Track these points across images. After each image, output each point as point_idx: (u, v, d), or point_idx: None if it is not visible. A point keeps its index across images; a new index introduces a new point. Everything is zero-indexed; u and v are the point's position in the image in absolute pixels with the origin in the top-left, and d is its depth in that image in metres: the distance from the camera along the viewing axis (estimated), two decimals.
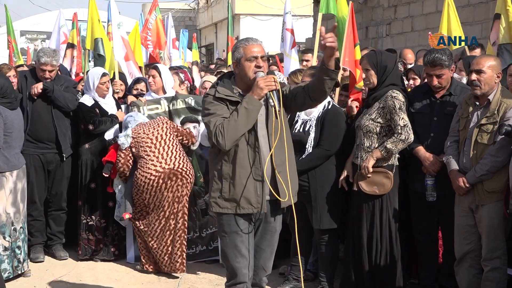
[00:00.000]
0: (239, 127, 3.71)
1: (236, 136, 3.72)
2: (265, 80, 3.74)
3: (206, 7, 29.26)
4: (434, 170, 4.82)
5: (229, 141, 3.71)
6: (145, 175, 5.63)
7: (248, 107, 3.71)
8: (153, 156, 5.69)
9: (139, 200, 5.75)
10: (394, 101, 4.79)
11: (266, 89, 3.73)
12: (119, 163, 5.81)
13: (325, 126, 5.04)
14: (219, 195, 3.85)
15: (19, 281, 5.64)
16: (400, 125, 4.75)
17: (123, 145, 5.79)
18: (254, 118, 3.75)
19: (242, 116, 3.70)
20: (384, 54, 5.12)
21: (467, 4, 10.50)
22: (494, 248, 4.43)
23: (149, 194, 5.68)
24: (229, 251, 3.90)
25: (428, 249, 5.11)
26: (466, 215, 4.57)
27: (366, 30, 13.43)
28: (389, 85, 4.89)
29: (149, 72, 6.52)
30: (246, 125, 3.73)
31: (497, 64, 4.48)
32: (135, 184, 5.71)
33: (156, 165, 5.65)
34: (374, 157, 4.83)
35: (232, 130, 3.70)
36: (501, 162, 4.33)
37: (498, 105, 4.39)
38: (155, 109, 6.27)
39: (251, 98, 3.72)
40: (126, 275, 5.89)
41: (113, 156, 5.88)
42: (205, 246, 6.22)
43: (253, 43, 3.88)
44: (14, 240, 5.48)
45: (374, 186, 4.84)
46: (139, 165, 5.73)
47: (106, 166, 5.93)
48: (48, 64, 6.12)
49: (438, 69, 4.82)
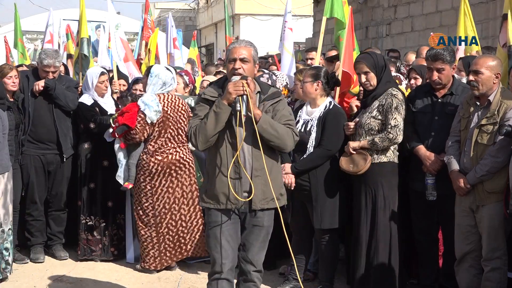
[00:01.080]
0: (208, 130, 3.88)
1: (206, 138, 3.91)
2: (235, 85, 3.85)
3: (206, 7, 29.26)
4: (434, 169, 4.82)
5: (201, 143, 3.93)
6: (156, 162, 5.64)
7: (217, 111, 3.87)
8: (170, 142, 5.70)
9: (147, 188, 5.72)
10: (393, 99, 4.86)
11: (234, 94, 3.84)
12: (137, 131, 5.64)
13: (327, 126, 5.05)
14: (205, 191, 4.10)
15: (19, 281, 5.64)
16: (391, 125, 4.81)
17: (149, 119, 5.63)
18: (222, 121, 3.88)
19: (211, 119, 3.87)
20: (378, 55, 5.21)
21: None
22: (495, 248, 4.43)
23: (159, 182, 5.69)
24: (210, 242, 4.08)
25: (428, 249, 5.11)
26: (466, 215, 4.57)
27: (366, 30, 13.43)
28: (386, 83, 4.96)
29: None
30: (214, 127, 3.88)
31: (496, 64, 4.48)
32: (143, 169, 5.68)
33: (172, 153, 5.69)
34: (361, 144, 4.92)
35: (203, 132, 3.90)
36: (501, 163, 4.33)
37: (498, 105, 4.40)
38: None
39: (220, 102, 3.88)
40: (126, 275, 5.89)
41: (132, 121, 5.65)
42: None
43: (237, 45, 4.00)
44: (2, 241, 5.45)
45: (351, 165, 4.93)
46: (152, 147, 5.68)
47: (121, 127, 5.72)
48: (51, 65, 6.13)
49: (439, 63, 4.84)
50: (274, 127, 3.92)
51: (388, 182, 4.92)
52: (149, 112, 5.62)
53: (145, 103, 5.65)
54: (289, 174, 5.05)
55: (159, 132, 5.70)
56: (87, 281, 5.72)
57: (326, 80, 5.15)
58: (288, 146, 4.04)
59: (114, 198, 6.20)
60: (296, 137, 4.05)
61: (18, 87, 6.06)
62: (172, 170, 5.72)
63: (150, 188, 5.72)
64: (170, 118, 5.71)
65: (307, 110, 5.19)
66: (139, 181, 5.76)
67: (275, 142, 3.96)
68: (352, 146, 4.93)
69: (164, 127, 5.70)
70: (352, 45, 5.97)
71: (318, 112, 5.12)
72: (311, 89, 5.12)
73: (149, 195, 5.74)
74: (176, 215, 5.80)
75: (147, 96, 5.71)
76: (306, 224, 5.20)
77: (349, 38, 5.94)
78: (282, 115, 4.02)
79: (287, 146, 4.05)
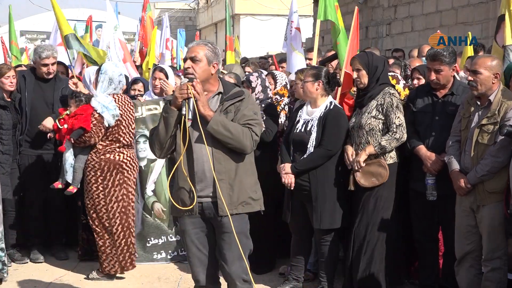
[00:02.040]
0: (160, 134, 3.86)
1: (160, 144, 3.88)
2: (180, 88, 3.80)
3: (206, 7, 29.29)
4: (435, 169, 4.82)
5: (157, 149, 3.92)
6: (107, 161, 5.50)
7: (165, 115, 3.84)
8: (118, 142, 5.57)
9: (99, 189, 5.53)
10: (392, 98, 4.87)
11: (179, 98, 3.79)
12: (92, 134, 5.45)
13: (327, 126, 5.05)
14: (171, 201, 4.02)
15: (19, 281, 5.64)
16: (396, 124, 4.82)
17: (107, 122, 5.47)
18: (170, 125, 3.82)
19: (161, 124, 3.85)
20: (375, 55, 5.20)
21: (467, 4, 10.51)
22: (495, 248, 4.43)
23: (111, 182, 5.53)
24: (186, 251, 4.05)
25: (428, 249, 5.10)
26: (467, 215, 4.57)
27: (366, 30, 13.44)
28: (382, 84, 4.97)
29: (154, 74, 6.44)
30: (165, 132, 3.84)
31: (495, 64, 4.46)
32: (94, 169, 5.51)
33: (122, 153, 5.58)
34: (367, 152, 4.87)
35: (156, 138, 3.89)
36: (502, 163, 4.32)
37: (499, 105, 4.39)
38: (154, 109, 6.26)
39: (167, 106, 3.85)
40: (126, 275, 5.88)
41: (88, 124, 5.45)
42: None
43: (193, 44, 3.94)
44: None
45: (372, 178, 4.86)
46: (101, 146, 5.53)
47: (77, 131, 5.48)
48: (50, 56, 6.11)
49: (437, 64, 4.85)
50: (227, 127, 3.75)
51: (389, 182, 4.91)
52: (107, 115, 5.46)
53: (103, 105, 5.47)
54: (289, 174, 5.05)
55: (110, 133, 5.57)
56: (87, 281, 5.71)
57: (327, 80, 5.15)
58: (247, 146, 3.82)
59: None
60: (255, 137, 3.85)
61: (16, 87, 6.05)
62: (120, 169, 5.58)
63: (102, 189, 5.54)
64: (123, 122, 5.60)
65: (307, 110, 5.19)
66: (90, 182, 5.55)
67: (231, 144, 3.78)
68: (360, 160, 4.86)
69: (117, 130, 5.57)
70: (356, 46, 5.99)
71: (318, 112, 5.12)
72: (311, 89, 5.12)
73: (102, 196, 5.55)
74: (128, 216, 5.70)
75: (102, 98, 5.51)
76: (306, 224, 5.20)
77: (353, 39, 5.96)
78: (242, 114, 3.84)
79: (245, 147, 3.82)
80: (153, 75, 6.41)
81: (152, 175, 6.29)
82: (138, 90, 6.76)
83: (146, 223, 6.26)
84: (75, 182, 5.61)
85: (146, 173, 6.27)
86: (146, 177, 6.27)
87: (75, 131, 5.47)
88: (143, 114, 6.20)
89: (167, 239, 6.28)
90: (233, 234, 3.81)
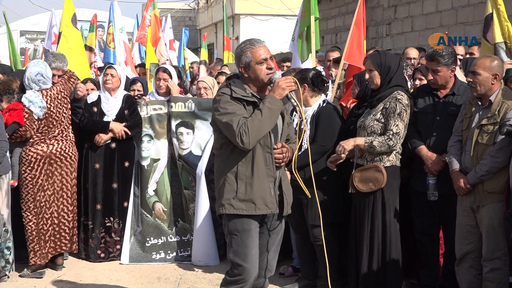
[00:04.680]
0: (263, 127, 3.77)
1: (259, 136, 3.79)
2: (286, 81, 3.82)
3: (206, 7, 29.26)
4: (436, 169, 4.81)
5: (253, 140, 3.77)
6: (35, 152, 5.72)
7: (271, 107, 3.77)
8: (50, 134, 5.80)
9: (27, 179, 5.73)
10: (397, 104, 4.74)
11: (287, 90, 3.82)
12: (26, 127, 5.68)
13: (320, 123, 5.08)
14: (234, 196, 3.86)
15: (19, 281, 5.64)
16: (393, 131, 4.72)
17: (36, 115, 5.73)
18: (276, 117, 3.85)
19: (266, 116, 3.76)
20: (388, 54, 5.06)
21: (467, 4, 10.51)
22: (494, 248, 4.42)
23: (39, 172, 5.74)
24: (239, 250, 3.89)
25: (428, 249, 5.10)
26: (467, 215, 4.57)
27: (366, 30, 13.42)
28: (394, 86, 4.83)
29: (158, 74, 6.44)
30: (269, 124, 3.81)
31: (494, 65, 4.44)
32: (23, 160, 5.73)
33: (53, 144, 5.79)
34: (356, 142, 4.78)
35: (257, 130, 3.75)
36: (501, 163, 4.32)
37: (499, 106, 4.39)
38: (159, 109, 6.27)
39: (273, 98, 3.79)
40: (126, 275, 5.89)
41: (21, 118, 5.68)
42: None
43: (259, 45, 3.92)
44: (4, 240, 5.49)
45: (369, 183, 4.82)
46: (32, 139, 5.75)
47: (12, 126, 5.65)
48: (60, 69, 6.11)
49: (434, 64, 4.85)
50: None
51: (389, 185, 4.86)
52: (34, 108, 5.70)
53: (29, 100, 5.72)
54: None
55: (41, 125, 5.79)
56: (87, 281, 5.72)
57: (311, 81, 5.14)
58: None
59: (103, 201, 6.20)
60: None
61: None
62: (52, 160, 5.79)
63: (30, 179, 5.74)
64: (52, 115, 5.81)
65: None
66: (22, 173, 5.76)
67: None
68: (345, 147, 4.75)
69: (47, 123, 5.80)
70: (360, 37, 6.00)
71: (311, 111, 5.17)
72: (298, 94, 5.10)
73: (30, 186, 5.74)
74: (57, 207, 5.85)
75: (29, 93, 5.77)
76: (303, 220, 5.19)
77: (356, 31, 5.97)
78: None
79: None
80: (156, 76, 6.43)
81: (154, 175, 6.30)
82: (138, 90, 6.79)
83: (146, 223, 6.27)
84: (14, 176, 5.77)
85: (148, 173, 6.28)
86: (148, 176, 6.28)
87: (10, 126, 5.64)
88: (148, 114, 6.21)
89: (167, 240, 6.28)
90: (280, 232, 4.10)
